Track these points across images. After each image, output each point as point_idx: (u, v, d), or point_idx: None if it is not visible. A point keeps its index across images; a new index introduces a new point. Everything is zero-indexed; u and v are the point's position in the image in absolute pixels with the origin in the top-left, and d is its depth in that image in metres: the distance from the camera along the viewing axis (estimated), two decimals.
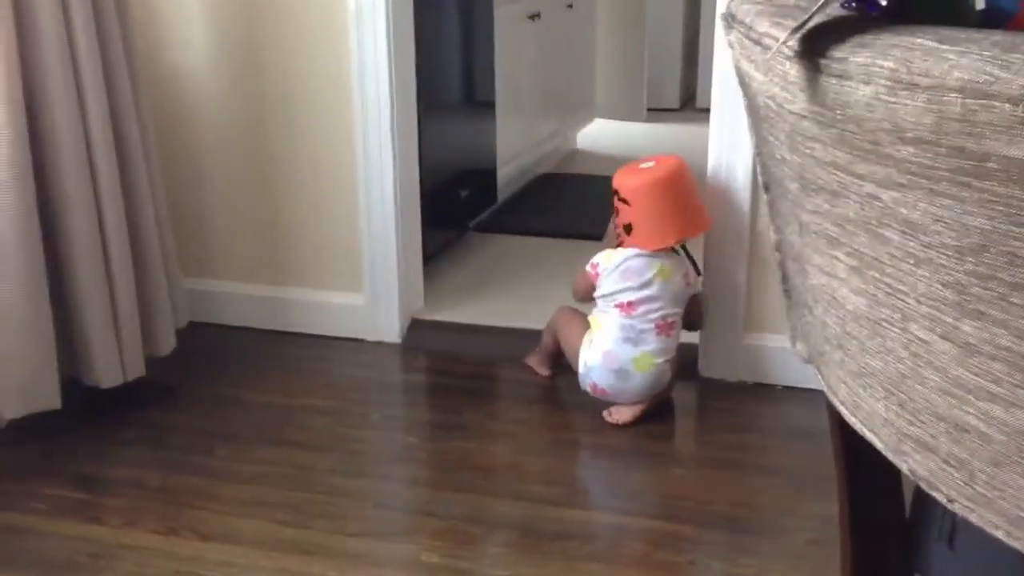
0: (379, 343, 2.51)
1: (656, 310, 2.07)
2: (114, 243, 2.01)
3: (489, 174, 3.29)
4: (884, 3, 0.60)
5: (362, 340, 2.52)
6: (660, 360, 2.08)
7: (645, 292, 2.07)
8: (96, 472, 1.94)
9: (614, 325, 2.08)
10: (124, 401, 2.14)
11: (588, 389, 2.13)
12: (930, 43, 0.51)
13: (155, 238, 2.13)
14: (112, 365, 2.04)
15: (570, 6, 4.07)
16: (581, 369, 2.12)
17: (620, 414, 2.11)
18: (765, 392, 2.25)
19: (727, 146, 2.16)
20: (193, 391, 2.27)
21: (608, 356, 2.07)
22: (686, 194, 2.13)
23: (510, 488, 1.87)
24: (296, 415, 2.16)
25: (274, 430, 2.09)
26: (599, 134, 4.86)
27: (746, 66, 0.70)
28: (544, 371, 2.33)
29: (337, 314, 2.53)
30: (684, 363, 2.26)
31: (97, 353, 2.01)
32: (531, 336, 2.54)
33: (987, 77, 0.47)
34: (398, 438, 2.10)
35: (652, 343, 2.07)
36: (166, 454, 2.01)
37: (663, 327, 2.08)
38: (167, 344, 2.20)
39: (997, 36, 0.49)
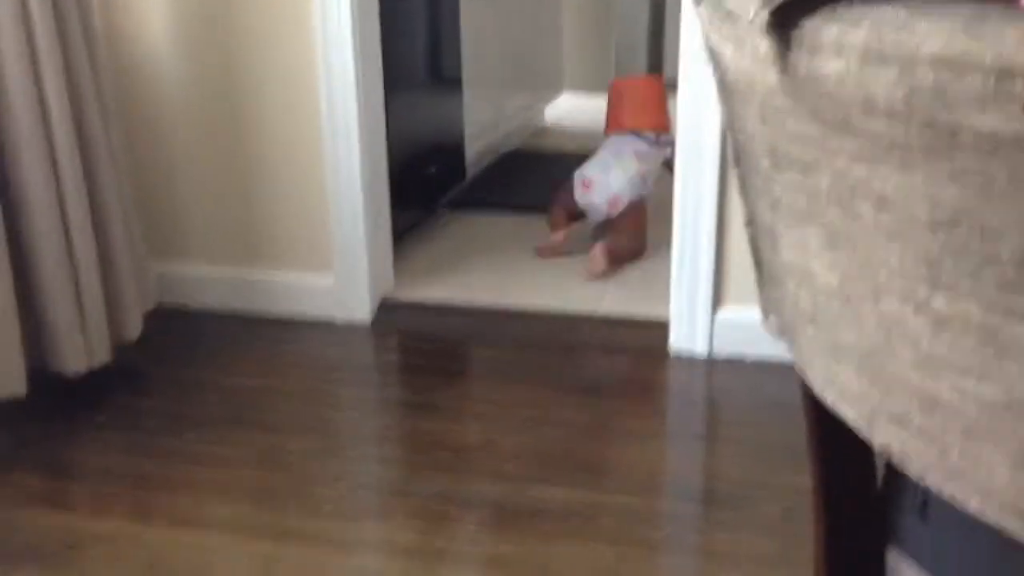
0: (349, 324, 2.49)
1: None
2: (77, 227, 1.98)
3: (457, 151, 3.27)
4: None
5: (332, 321, 2.50)
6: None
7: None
8: (65, 459, 1.92)
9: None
10: (92, 387, 2.12)
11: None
12: (901, 14, 0.51)
13: (119, 221, 2.10)
14: (77, 351, 2.01)
15: None
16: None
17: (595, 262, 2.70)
18: (735, 366, 2.27)
19: (694, 119, 2.16)
20: (162, 375, 2.25)
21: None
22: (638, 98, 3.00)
23: (484, 467, 1.87)
24: (267, 397, 2.15)
25: (245, 413, 2.08)
26: (568, 108, 4.85)
27: (716, 40, 0.69)
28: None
29: (306, 295, 2.51)
30: (654, 338, 2.27)
31: (62, 339, 1.98)
32: (502, 314, 2.54)
33: (958, 48, 0.47)
34: (371, 418, 2.10)
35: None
36: (136, 440, 1.99)
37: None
38: (134, 328, 2.17)
39: (968, 8, 0.49)
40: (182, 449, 1.94)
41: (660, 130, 2.94)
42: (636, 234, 2.82)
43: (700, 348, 2.30)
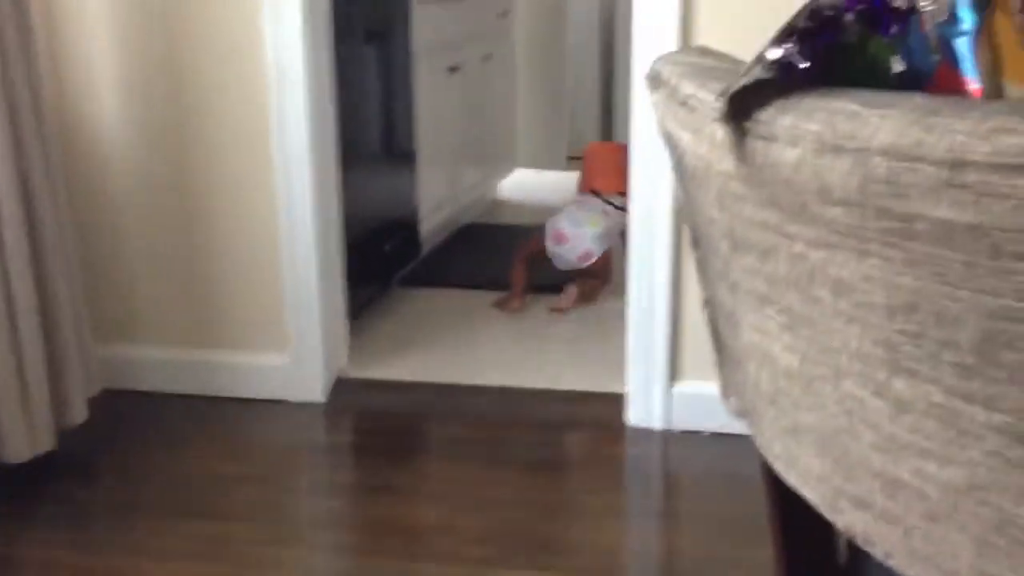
0: (304, 404, 2.45)
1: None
2: (22, 310, 1.93)
3: (412, 227, 3.28)
4: (803, 66, 0.61)
5: (286, 401, 2.46)
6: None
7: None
8: (3, 554, 1.85)
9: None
10: (34, 476, 2.05)
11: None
12: (853, 106, 0.52)
13: (66, 304, 2.06)
14: (20, 439, 1.95)
15: (489, 58, 4.11)
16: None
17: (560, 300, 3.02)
18: (693, 439, 2.26)
19: (647, 196, 2.19)
20: (108, 463, 2.18)
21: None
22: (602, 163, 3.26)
23: (442, 550, 1.84)
24: (218, 484, 2.09)
25: (196, 501, 2.02)
26: (521, 183, 4.90)
27: (672, 126, 0.70)
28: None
29: (259, 376, 2.47)
30: (611, 412, 2.26)
31: (4, 426, 1.92)
32: (458, 390, 2.52)
33: (911, 140, 0.48)
34: (324, 503, 2.05)
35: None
36: (80, 532, 1.92)
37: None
38: (79, 414, 2.11)
39: (918, 99, 0.50)
40: (127, 541, 1.88)
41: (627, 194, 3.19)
42: (603, 272, 3.18)
43: (657, 422, 2.30)
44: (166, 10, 2.30)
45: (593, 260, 3.06)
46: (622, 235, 2.91)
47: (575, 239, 3.04)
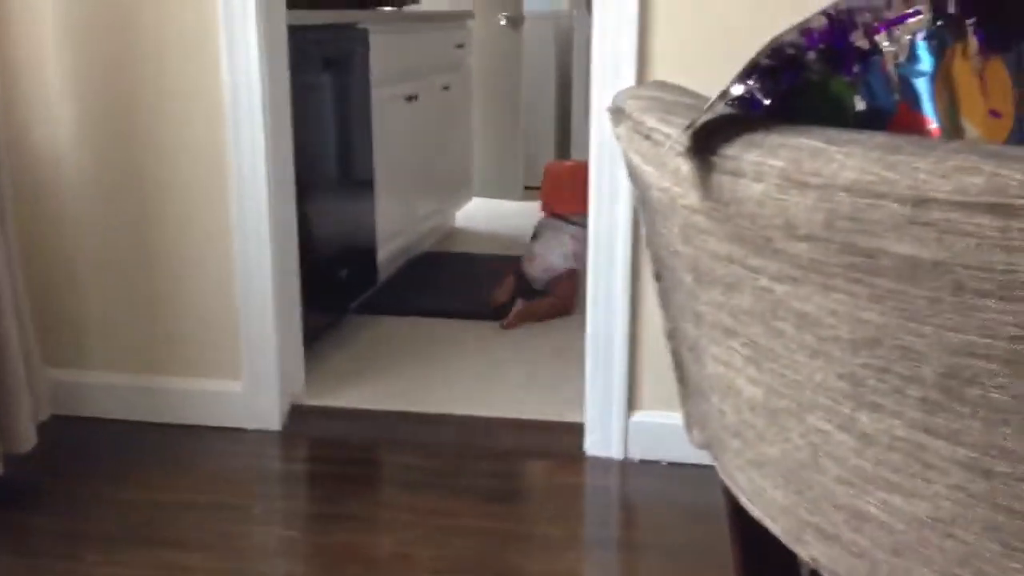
0: (258, 431, 2.42)
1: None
2: None
3: (369, 254, 3.27)
4: (766, 103, 0.62)
5: (241, 429, 2.43)
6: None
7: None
8: None
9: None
10: None
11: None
12: (817, 143, 0.53)
13: (13, 327, 2.01)
14: None
15: (446, 88, 4.13)
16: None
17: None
18: (651, 468, 2.27)
19: (606, 226, 2.20)
20: (57, 490, 2.13)
21: None
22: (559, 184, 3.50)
23: None
24: (170, 512, 2.05)
25: (147, 529, 1.98)
26: (477, 212, 4.91)
27: (636, 159, 0.70)
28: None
29: (214, 402, 2.43)
30: (569, 442, 2.26)
31: None
32: (415, 419, 2.50)
33: (874, 177, 0.49)
34: (279, 532, 2.02)
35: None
36: (27, 561, 1.87)
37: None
38: (27, 441, 2.06)
39: (880, 137, 0.51)
40: (78, 570, 1.83)
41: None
42: (566, 296, 3.27)
43: (615, 452, 2.30)
44: (122, 38, 2.27)
45: (557, 272, 3.25)
46: None
47: (541, 259, 3.30)
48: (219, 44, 2.24)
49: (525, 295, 3.28)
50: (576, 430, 2.34)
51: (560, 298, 3.26)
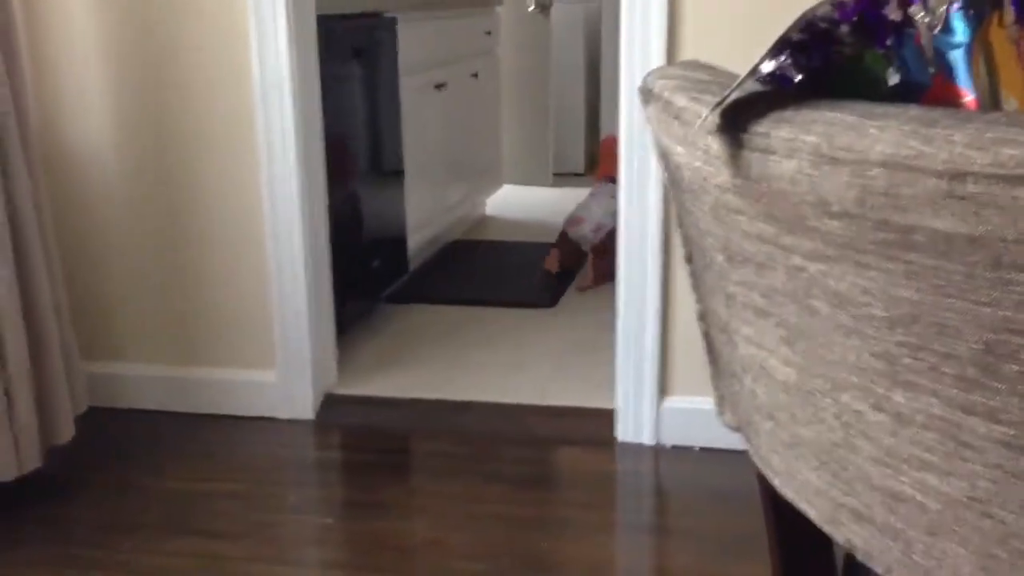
0: (292, 421, 2.44)
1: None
2: (9, 329, 1.92)
3: (400, 243, 3.28)
4: (798, 79, 0.61)
5: (275, 418, 2.45)
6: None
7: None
8: None
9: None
10: (20, 494, 2.03)
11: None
12: (850, 118, 0.52)
13: (52, 322, 2.04)
14: (6, 458, 1.93)
15: (475, 76, 4.12)
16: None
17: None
18: (683, 454, 2.26)
19: (637, 209, 2.19)
20: (95, 481, 2.16)
21: None
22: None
23: (433, 567, 1.82)
24: (206, 501, 2.07)
25: (183, 519, 2.00)
26: (508, 199, 4.91)
27: (666, 140, 0.70)
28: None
29: (248, 392, 2.46)
30: (601, 428, 2.25)
31: None
32: (447, 407, 2.51)
33: (909, 151, 0.48)
34: (314, 520, 2.03)
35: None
36: (67, 551, 1.90)
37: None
38: (66, 432, 2.09)
39: (915, 110, 0.50)
40: (115, 560, 1.86)
41: None
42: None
43: (647, 437, 2.29)
44: (153, 29, 2.29)
45: (608, 228, 3.39)
46: None
47: (587, 218, 3.51)
48: (249, 35, 2.25)
49: (573, 258, 3.48)
50: (607, 416, 2.34)
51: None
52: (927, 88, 0.57)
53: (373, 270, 3.04)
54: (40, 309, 2.01)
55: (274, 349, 2.43)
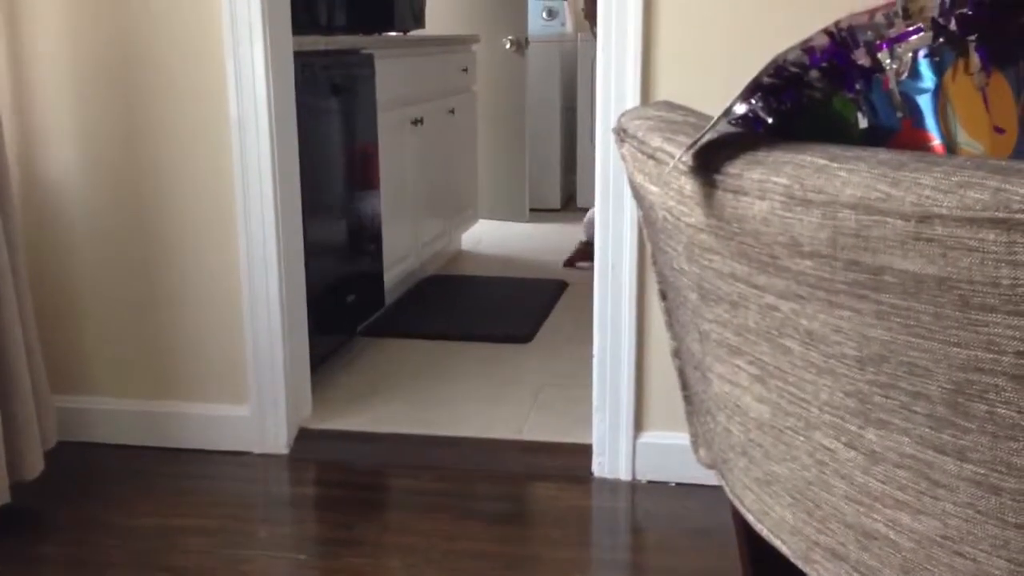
0: (266, 455, 2.41)
1: None
2: None
3: (376, 277, 3.27)
4: (769, 121, 0.62)
5: (248, 453, 2.42)
6: None
7: None
8: None
9: None
10: None
11: None
12: (820, 160, 0.53)
13: (22, 358, 2.02)
14: None
15: (452, 112, 4.15)
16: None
17: None
18: (659, 489, 2.26)
19: (613, 244, 2.20)
20: (64, 518, 2.13)
21: None
22: None
23: None
24: (177, 538, 2.04)
25: (154, 556, 1.97)
26: (483, 234, 4.92)
27: (640, 179, 0.71)
28: None
29: (221, 426, 2.43)
30: (577, 463, 2.25)
31: None
32: (423, 442, 2.49)
33: (879, 194, 0.49)
34: (287, 557, 2.01)
35: None
36: None
37: None
38: (34, 468, 2.06)
39: (884, 154, 0.51)
40: None
41: None
42: None
43: (623, 473, 2.29)
44: (128, 59, 2.29)
45: None
46: None
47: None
48: (226, 71, 2.25)
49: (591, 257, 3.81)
50: (584, 451, 2.33)
51: None
52: (895, 132, 0.58)
53: (349, 304, 3.04)
54: (10, 344, 1.99)
55: (247, 382, 2.41)
